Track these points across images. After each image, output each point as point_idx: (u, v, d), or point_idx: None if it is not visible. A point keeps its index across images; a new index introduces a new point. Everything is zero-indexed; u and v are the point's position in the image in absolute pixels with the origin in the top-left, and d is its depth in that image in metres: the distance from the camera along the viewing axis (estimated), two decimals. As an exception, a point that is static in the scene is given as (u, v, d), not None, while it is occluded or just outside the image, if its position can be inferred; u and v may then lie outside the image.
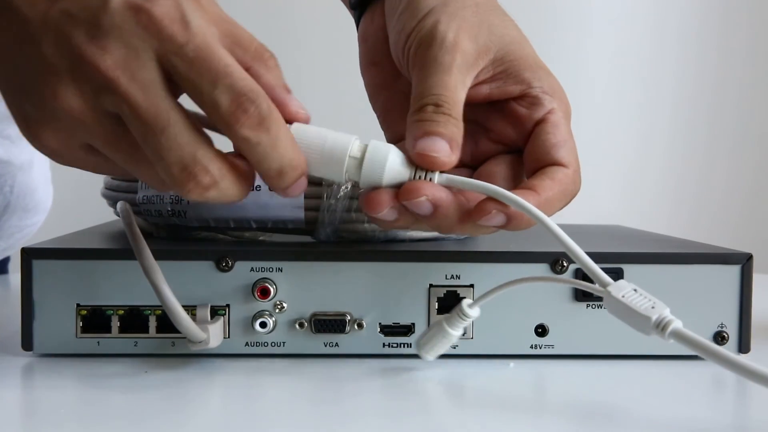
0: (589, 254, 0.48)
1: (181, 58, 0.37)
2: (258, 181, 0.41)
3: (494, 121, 0.47)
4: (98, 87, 0.37)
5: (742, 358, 0.38)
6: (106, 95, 0.37)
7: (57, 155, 0.40)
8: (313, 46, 1.31)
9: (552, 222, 0.41)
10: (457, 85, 0.43)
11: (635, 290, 0.40)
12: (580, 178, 0.45)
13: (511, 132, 0.46)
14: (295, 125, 0.41)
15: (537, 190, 0.43)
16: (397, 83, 0.49)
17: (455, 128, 0.43)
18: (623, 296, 0.39)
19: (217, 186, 0.39)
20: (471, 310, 0.45)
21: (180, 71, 0.37)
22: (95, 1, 0.37)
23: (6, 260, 0.84)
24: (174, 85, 0.38)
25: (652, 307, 0.39)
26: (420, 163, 0.42)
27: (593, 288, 0.41)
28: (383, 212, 0.42)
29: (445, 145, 0.42)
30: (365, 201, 0.42)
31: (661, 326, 0.38)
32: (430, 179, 0.42)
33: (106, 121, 0.38)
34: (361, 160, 0.41)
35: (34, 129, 0.39)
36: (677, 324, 0.38)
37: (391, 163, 0.41)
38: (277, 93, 0.40)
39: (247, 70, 0.39)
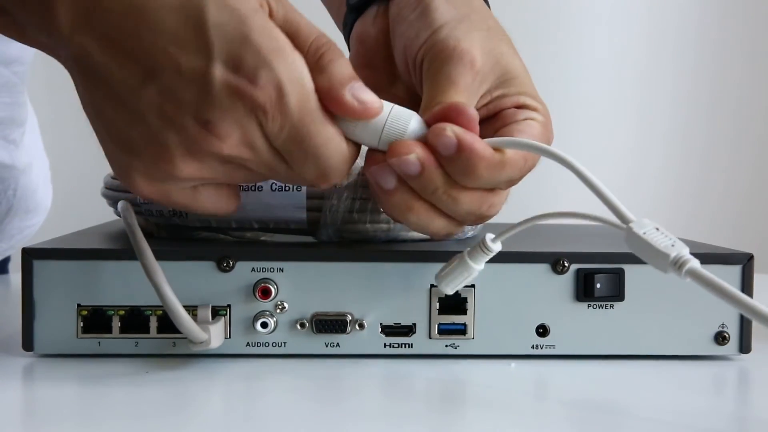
0: (590, 254, 0.49)
1: (279, 138, 0.40)
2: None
3: (482, 127, 0.47)
4: (220, 160, 0.40)
5: (754, 302, 0.37)
6: (227, 164, 0.41)
7: (150, 199, 0.42)
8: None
9: (575, 159, 0.41)
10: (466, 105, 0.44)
11: (657, 228, 0.40)
12: (550, 128, 0.46)
13: (490, 130, 0.46)
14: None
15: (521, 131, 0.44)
16: (393, 88, 0.49)
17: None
18: (644, 233, 0.39)
19: None
20: (494, 244, 0.45)
21: (278, 145, 0.40)
22: (196, 79, 0.38)
23: (6, 260, 0.84)
24: None
25: (672, 245, 0.39)
26: (445, 117, 0.42)
27: (615, 224, 0.41)
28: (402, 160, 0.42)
29: (472, 109, 0.43)
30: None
31: (678, 264, 0.38)
32: None
33: (223, 168, 0.41)
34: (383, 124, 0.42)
35: (133, 180, 0.41)
36: (695, 263, 0.38)
37: (412, 126, 0.42)
38: (332, 94, 0.41)
39: None
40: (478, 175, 0.42)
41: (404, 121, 0.42)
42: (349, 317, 0.48)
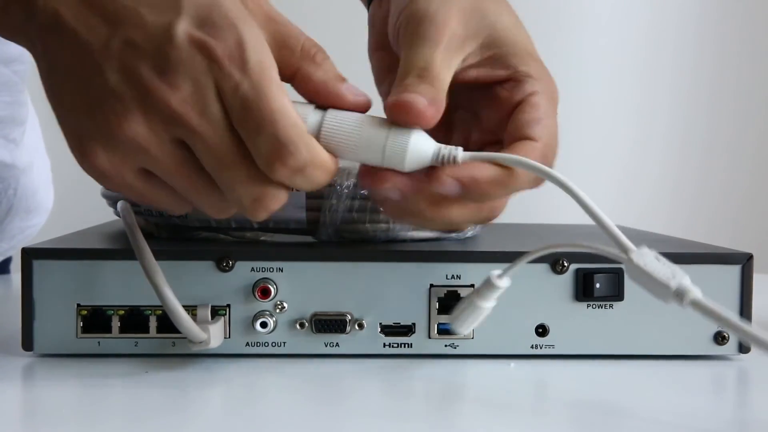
0: (589, 254, 0.49)
1: (235, 98, 0.38)
2: None
3: (482, 107, 0.47)
4: (168, 119, 0.38)
5: (758, 329, 0.37)
6: (176, 128, 0.38)
7: (105, 177, 0.40)
8: (322, 30, 1.30)
9: (577, 187, 0.41)
10: (442, 62, 0.43)
11: (657, 258, 0.40)
12: (552, 155, 0.44)
13: (494, 116, 0.46)
14: (330, 113, 0.41)
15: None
16: None
17: (436, 94, 0.42)
18: (645, 264, 0.39)
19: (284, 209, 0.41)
20: (500, 281, 0.44)
21: (233, 110, 0.38)
22: (159, 32, 0.38)
23: (8, 260, 0.84)
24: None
25: (673, 276, 0.39)
26: (395, 116, 0.41)
27: (616, 254, 0.41)
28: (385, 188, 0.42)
29: (422, 98, 0.41)
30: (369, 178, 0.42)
31: (680, 294, 0.38)
32: (454, 158, 0.41)
33: (171, 148, 0.39)
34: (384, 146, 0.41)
35: (88, 148, 0.40)
36: (696, 293, 0.38)
37: (413, 145, 0.41)
38: (330, 88, 0.41)
39: (296, 72, 0.40)
40: (492, 194, 0.42)
41: (404, 140, 0.41)
42: (349, 317, 0.48)
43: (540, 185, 0.44)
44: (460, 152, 0.41)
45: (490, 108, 0.46)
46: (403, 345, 0.49)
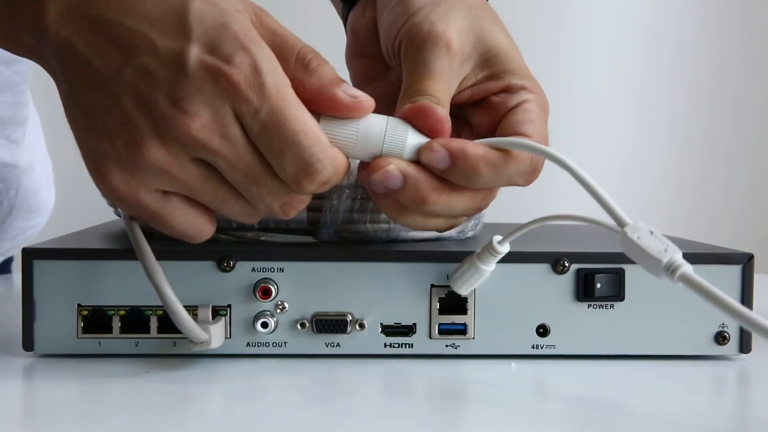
0: (590, 254, 0.49)
1: (255, 122, 0.39)
2: None
3: (473, 114, 0.47)
4: (188, 145, 0.39)
5: (746, 309, 0.37)
6: (197, 151, 0.39)
7: (120, 198, 0.41)
8: (322, 31, 1.30)
9: (574, 163, 0.41)
10: (444, 91, 0.44)
11: (651, 232, 0.40)
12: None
13: (486, 120, 0.46)
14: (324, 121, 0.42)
15: None
16: (388, 75, 0.50)
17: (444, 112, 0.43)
18: (638, 237, 0.40)
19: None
20: (501, 246, 0.46)
21: (254, 133, 0.39)
22: (172, 58, 0.38)
23: (9, 260, 0.85)
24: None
25: (665, 250, 0.39)
26: (413, 118, 0.42)
27: (611, 226, 0.41)
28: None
29: (442, 110, 0.43)
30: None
31: (671, 269, 0.38)
32: None
33: (193, 168, 0.40)
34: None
35: (105, 169, 0.40)
36: (687, 268, 0.38)
37: (412, 133, 0.42)
38: (325, 94, 0.41)
39: (291, 81, 0.40)
40: (483, 175, 0.42)
41: (403, 130, 0.42)
42: (350, 317, 0.48)
43: (530, 183, 0.45)
44: None
45: (481, 114, 0.47)
46: (403, 345, 0.49)
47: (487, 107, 0.46)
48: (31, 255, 0.47)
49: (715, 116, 1.40)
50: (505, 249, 0.46)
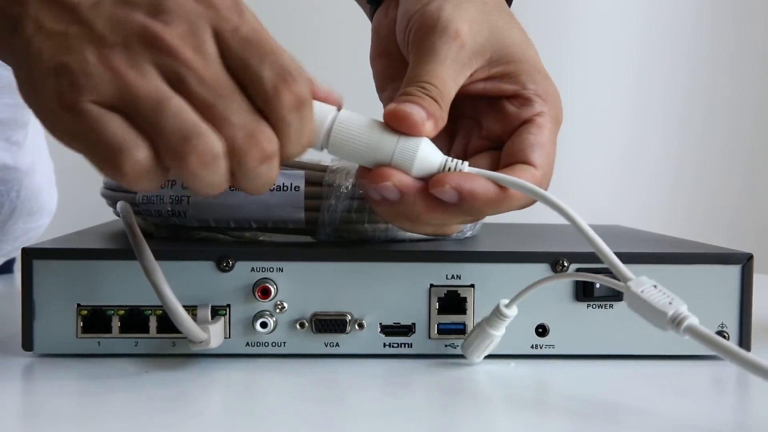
0: (590, 254, 0.49)
1: (235, 37, 0.38)
2: None
3: (486, 117, 0.47)
4: (159, 50, 0.37)
5: (755, 356, 0.37)
6: (165, 59, 0.37)
7: (60, 106, 0.37)
8: (324, 32, 1.30)
9: (578, 216, 0.42)
10: (448, 78, 0.44)
11: (655, 286, 0.40)
12: (547, 183, 0.45)
13: (498, 128, 0.47)
14: (343, 114, 0.42)
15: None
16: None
17: (437, 109, 0.43)
18: (642, 291, 0.40)
19: (272, 161, 0.38)
20: (509, 310, 0.46)
21: (232, 49, 0.38)
22: None
23: (12, 261, 0.85)
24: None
25: (670, 303, 0.39)
26: (391, 124, 0.42)
27: (614, 283, 0.42)
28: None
29: (421, 111, 0.42)
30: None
31: (676, 322, 0.39)
32: (459, 171, 0.42)
33: (152, 77, 0.37)
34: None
35: (84, 53, 0.37)
36: (692, 320, 0.39)
37: (421, 153, 0.42)
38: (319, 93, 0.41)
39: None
40: (483, 212, 0.43)
41: (414, 144, 0.42)
42: (349, 317, 0.48)
43: (526, 207, 0.45)
44: (465, 167, 0.42)
45: (494, 120, 0.47)
46: (403, 345, 0.49)
47: (501, 114, 0.46)
48: (30, 255, 0.47)
49: (712, 115, 1.40)
50: (513, 312, 0.46)
